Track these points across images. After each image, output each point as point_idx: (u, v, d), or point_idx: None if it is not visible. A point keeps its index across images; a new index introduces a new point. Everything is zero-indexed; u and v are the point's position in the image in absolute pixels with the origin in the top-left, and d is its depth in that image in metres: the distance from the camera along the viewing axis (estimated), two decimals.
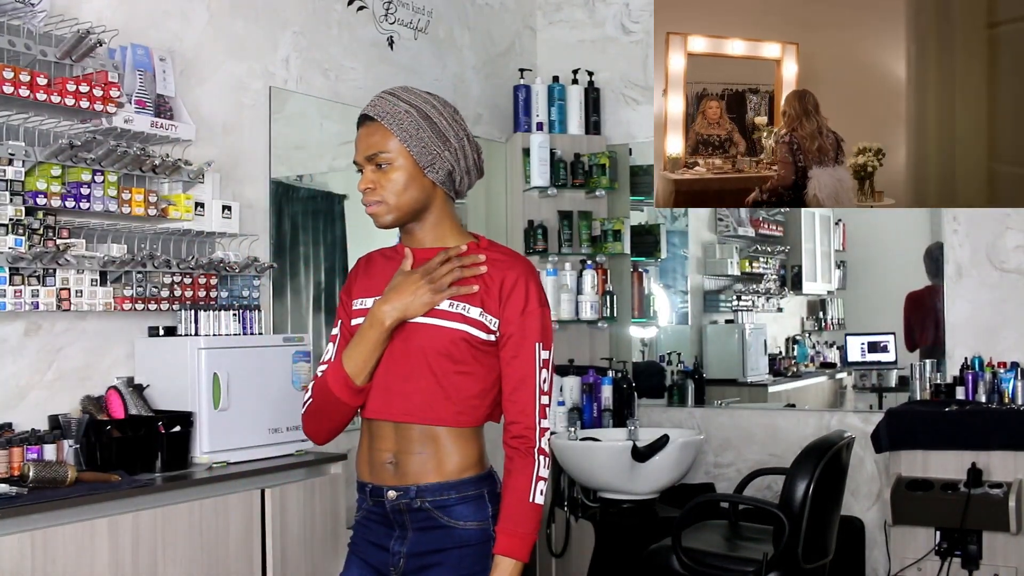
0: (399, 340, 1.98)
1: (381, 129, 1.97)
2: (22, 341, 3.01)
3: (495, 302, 1.97)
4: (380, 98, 1.99)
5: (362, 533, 2.06)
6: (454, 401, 1.96)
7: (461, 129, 2.01)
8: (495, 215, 4.99)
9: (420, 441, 1.97)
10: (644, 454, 4.04)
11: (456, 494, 1.97)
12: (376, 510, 2.02)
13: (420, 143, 1.95)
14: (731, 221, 5.72)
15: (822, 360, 5.94)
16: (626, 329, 5.16)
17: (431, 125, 1.96)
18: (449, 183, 2.01)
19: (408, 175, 1.97)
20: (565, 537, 4.40)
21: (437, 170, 1.98)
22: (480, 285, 1.98)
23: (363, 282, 2.09)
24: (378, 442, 2.01)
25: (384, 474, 2.00)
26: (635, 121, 5.12)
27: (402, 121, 1.95)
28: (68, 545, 2.56)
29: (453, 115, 2.01)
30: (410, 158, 1.96)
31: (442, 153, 1.97)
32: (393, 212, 1.99)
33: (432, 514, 1.97)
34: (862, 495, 4.50)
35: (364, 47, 4.31)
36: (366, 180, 1.99)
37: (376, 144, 1.97)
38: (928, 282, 4.88)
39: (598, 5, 5.23)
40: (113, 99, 3.04)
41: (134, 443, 2.95)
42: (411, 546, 1.98)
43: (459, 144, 2.00)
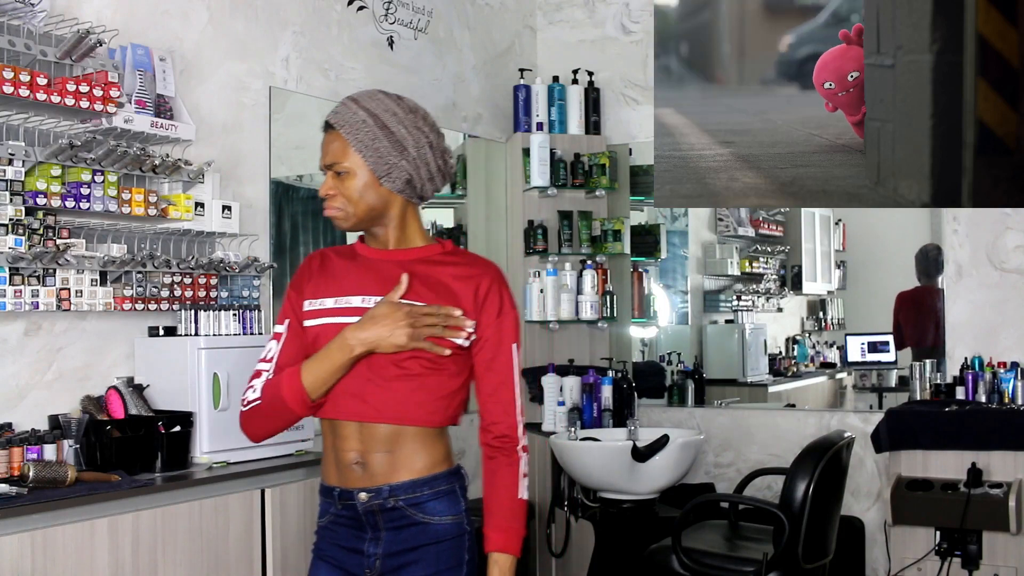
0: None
1: (340, 138, 2.00)
2: (22, 341, 3.01)
3: (470, 307, 1.99)
4: (343, 105, 2.02)
5: (329, 538, 2.05)
6: (426, 402, 1.98)
7: (423, 136, 2.00)
8: (495, 215, 4.99)
9: (387, 440, 1.97)
10: (644, 454, 4.04)
11: (429, 490, 1.98)
12: (345, 513, 2.02)
13: (376, 153, 1.97)
14: (731, 221, 5.73)
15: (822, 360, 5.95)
16: (626, 329, 5.16)
17: (388, 135, 1.97)
18: (409, 190, 2.02)
19: (364, 184, 1.99)
20: (565, 537, 4.40)
21: (394, 179, 1.99)
22: (458, 290, 2.00)
23: (318, 281, 2.07)
24: (343, 442, 2.00)
25: (352, 476, 1.99)
26: (635, 121, 5.12)
27: (358, 131, 1.97)
28: (68, 545, 2.56)
29: (416, 122, 2.01)
30: (366, 167, 1.98)
31: (399, 163, 1.98)
32: (351, 218, 2.02)
33: (406, 512, 1.98)
34: (862, 495, 4.50)
35: (364, 47, 4.31)
36: (326, 186, 2.02)
37: (334, 153, 2.00)
38: (918, 282, 4.91)
39: (598, 5, 5.23)
40: (113, 99, 3.04)
41: (134, 443, 2.95)
42: (386, 546, 1.98)
43: (419, 152, 1.99)
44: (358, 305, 1.99)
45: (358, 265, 2.06)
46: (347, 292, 2.02)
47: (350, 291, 2.02)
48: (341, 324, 1.98)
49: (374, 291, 2.00)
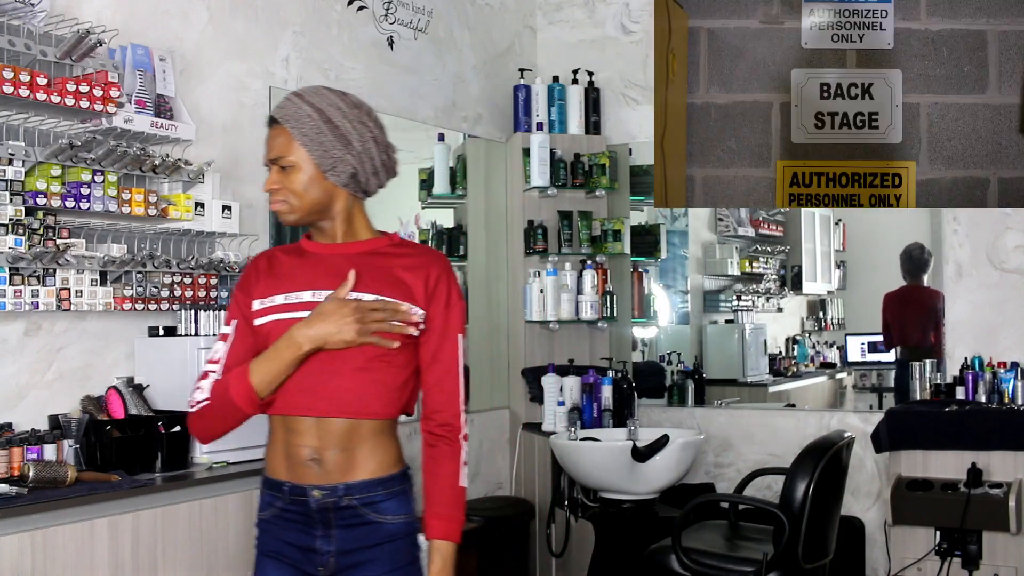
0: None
1: (285, 132, 2.00)
2: (22, 341, 3.01)
3: (420, 297, 2.01)
4: (287, 100, 2.02)
5: (275, 533, 2.04)
6: (380, 394, 1.99)
7: (367, 131, 2.02)
8: (495, 215, 4.99)
9: (343, 436, 1.97)
10: (644, 454, 4.04)
11: (384, 490, 2.00)
12: (293, 508, 2.01)
13: (321, 147, 1.98)
14: (731, 221, 5.73)
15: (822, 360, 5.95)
16: (626, 329, 5.16)
17: (333, 129, 1.98)
18: (354, 184, 2.03)
19: (309, 178, 2.00)
20: (565, 537, 4.40)
21: (339, 173, 2.00)
22: (406, 280, 2.01)
23: (267, 281, 2.07)
24: (296, 438, 1.99)
25: (306, 473, 1.99)
26: (635, 121, 5.12)
27: (303, 125, 1.98)
28: (68, 545, 2.56)
29: (360, 117, 2.01)
30: (311, 162, 1.99)
31: (344, 156, 1.99)
32: (296, 212, 2.02)
33: (359, 511, 1.98)
34: (862, 495, 4.50)
35: (364, 47, 4.31)
36: (270, 181, 2.03)
37: (279, 147, 2.00)
38: (903, 282, 4.93)
39: (598, 5, 5.23)
40: (113, 99, 3.04)
41: (134, 443, 2.95)
42: (339, 544, 1.98)
43: (363, 147, 2.01)
44: (308, 300, 2.00)
45: (306, 261, 2.06)
46: (296, 288, 2.02)
47: (299, 287, 2.02)
48: (292, 320, 1.98)
49: (323, 285, 2.00)
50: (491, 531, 4.26)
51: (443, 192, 4.79)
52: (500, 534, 4.33)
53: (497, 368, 4.95)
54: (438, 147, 4.74)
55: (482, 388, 4.89)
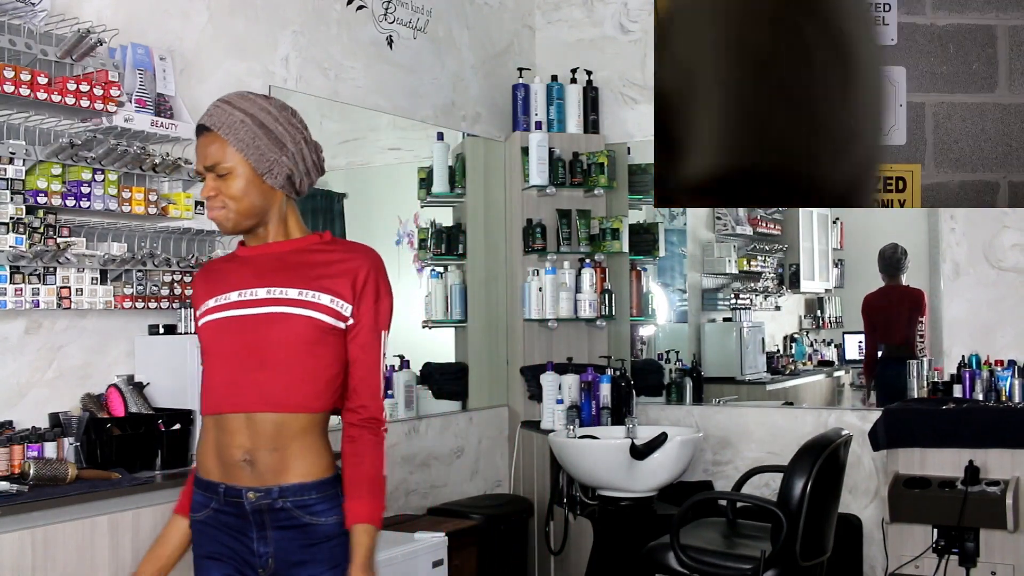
0: (245, 333, 2.02)
1: (218, 139, 2.01)
2: (23, 339, 3.02)
3: (348, 292, 2.03)
4: (216, 107, 2.04)
5: (211, 535, 2.06)
6: (309, 386, 2.01)
7: (298, 132, 2.05)
8: (494, 214, 5.00)
9: (274, 434, 1.99)
10: (642, 452, 4.05)
11: (317, 494, 2.01)
12: (228, 510, 2.03)
13: (257, 151, 2.00)
14: (729, 220, 5.74)
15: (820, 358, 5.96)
16: (625, 327, 5.17)
17: (267, 132, 2.01)
18: (289, 186, 2.06)
19: (247, 182, 2.02)
20: (563, 535, 4.41)
21: (276, 176, 2.03)
22: (332, 275, 2.04)
23: (202, 289, 2.13)
24: (228, 438, 2.01)
25: (240, 474, 2.01)
26: (633, 120, 5.13)
27: (238, 131, 2.00)
28: (68, 543, 2.57)
29: (289, 119, 2.05)
30: (248, 166, 2.01)
31: (279, 159, 2.02)
32: (235, 217, 2.05)
33: (293, 513, 2.00)
34: (860, 493, 4.51)
35: (363, 46, 4.32)
36: (208, 188, 2.04)
37: (214, 154, 2.02)
38: (882, 283, 4.95)
39: (596, 4, 5.24)
40: (113, 98, 3.04)
41: (134, 441, 2.96)
42: (276, 544, 2.00)
43: (296, 148, 2.04)
44: (235, 299, 2.04)
45: (238, 264, 2.11)
46: (225, 290, 2.06)
47: (228, 288, 2.06)
48: (220, 319, 2.04)
49: (251, 284, 2.04)
50: (490, 529, 4.27)
51: (442, 191, 4.79)
52: (499, 532, 4.34)
53: (496, 366, 4.96)
54: (437, 146, 4.75)
55: (481, 386, 4.90)
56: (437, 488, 4.55)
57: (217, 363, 2.05)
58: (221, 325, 2.04)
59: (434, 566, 3.56)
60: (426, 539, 3.57)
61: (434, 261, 4.83)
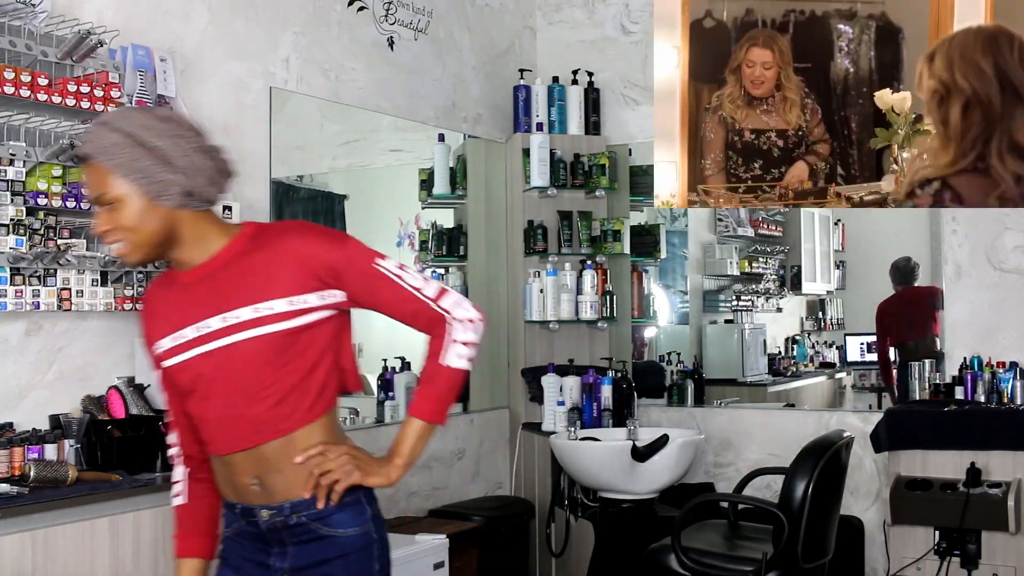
0: (214, 370, 1.87)
1: (99, 168, 1.80)
2: (23, 341, 3.01)
3: (299, 278, 1.86)
4: (90, 132, 1.83)
5: (236, 550, 2.00)
6: (299, 402, 1.88)
7: (187, 143, 1.83)
8: (495, 215, 4.99)
9: (279, 456, 1.88)
10: (644, 454, 4.05)
11: (331, 504, 1.90)
12: (249, 528, 1.96)
13: (141, 174, 1.79)
14: (731, 221, 5.73)
15: (821, 360, 5.95)
16: (626, 329, 5.16)
17: (149, 151, 1.79)
18: (190, 201, 1.85)
19: (139, 209, 1.81)
20: (565, 537, 4.40)
21: (170, 196, 1.82)
22: (275, 274, 1.86)
23: (150, 324, 1.97)
24: (235, 468, 1.92)
25: (251, 495, 1.92)
26: (635, 121, 5.13)
27: (116, 155, 1.78)
28: (69, 545, 2.56)
29: (175, 131, 1.83)
30: (137, 191, 1.80)
31: (169, 177, 1.80)
32: (139, 250, 1.85)
33: (310, 526, 1.90)
34: (861, 495, 4.50)
35: (364, 47, 4.32)
36: (99, 223, 1.84)
37: (98, 185, 1.81)
38: (893, 291, 4.96)
39: (598, 6, 5.24)
40: (114, 99, 3.04)
41: (135, 443, 2.96)
42: (293, 560, 1.92)
43: (187, 162, 1.82)
44: (193, 336, 1.88)
45: (177, 292, 1.93)
46: (178, 327, 1.90)
47: (179, 324, 1.90)
48: (183, 362, 1.90)
49: (200, 316, 1.87)
50: (491, 531, 4.27)
51: (443, 192, 4.79)
52: (500, 534, 4.33)
53: (497, 368, 4.95)
54: (438, 147, 4.75)
55: (482, 388, 4.89)
56: (438, 490, 4.54)
57: (198, 406, 1.92)
58: (188, 367, 1.89)
59: (435, 568, 3.56)
60: (427, 541, 3.57)
61: (435, 263, 4.82)
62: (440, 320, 1.93)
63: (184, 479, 2.07)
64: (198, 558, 2.07)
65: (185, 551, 2.07)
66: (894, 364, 4.96)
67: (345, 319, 1.96)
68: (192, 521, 2.07)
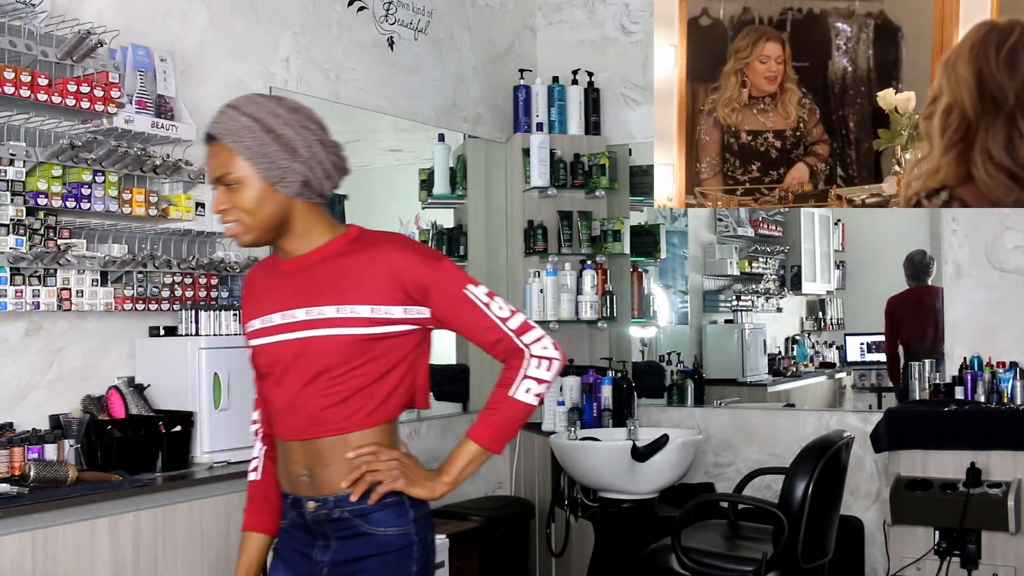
0: (291, 359, 1.95)
1: (225, 148, 1.89)
2: (23, 341, 3.01)
3: (388, 289, 1.91)
4: (222, 113, 1.91)
5: (287, 540, 2.05)
6: (363, 405, 1.94)
7: (312, 135, 1.91)
8: (495, 215, 4.99)
9: (332, 452, 1.94)
10: (644, 454, 4.05)
11: (368, 503, 1.93)
12: (298, 520, 2.01)
13: (267, 159, 1.88)
14: (731, 221, 5.73)
15: (821, 360, 5.95)
16: (626, 329, 5.16)
17: (276, 138, 1.88)
18: (307, 192, 1.93)
19: (259, 192, 1.90)
20: (565, 537, 4.40)
21: (289, 183, 1.90)
22: (365, 280, 1.92)
23: (248, 304, 2.05)
24: (291, 456, 1.99)
25: (300, 486, 1.98)
26: (635, 121, 5.13)
27: (244, 138, 1.87)
28: (69, 545, 2.56)
29: (301, 122, 1.91)
30: (258, 175, 1.89)
31: (291, 166, 1.89)
32: (251, 231, 1.93)
33: (352, 522, 1.94)
34: (861, 495, 4.50)
35: (364, 47, 4.32)
36: (219, 201, 1.92)
37: (222, 165, 1.90)
38: (906, 286, 4.94)
39: (598, 6, 5.24)
40: (114, 99, 3.04)
41: (135, 443, 2.96)
42: (334, 554, 1.96)
43: (310, 152, 1.90)
44: (278, 322, 1.96)
45: (276, 277, 2.01)
46: (267, 311, 1.99)
47: (270, 309, 1.99)
48: (266, 344, 1.98)
49: (290, 304, 1.95)
50: (491, 531, 4.27)
51: (443, 192, 4.79)
52: (500, 534, 4.33)
53: (497, 368, 4.92)
54: (438, 147, 4.75)
55: (482, 388, 4.89)
56: None
57: (270, 389, 2.00)
58: (268, 351, 1.98)
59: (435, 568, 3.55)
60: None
61: None
62: (519, 353, 1.98)
63: (260, 456, 2.15)
64: (262, 533, 2.12)
65: (251, 525, 2.13)
66: (903, 364, 4.93)
67: (426, 337, 2.02)
68: (262, 496, 2.13)
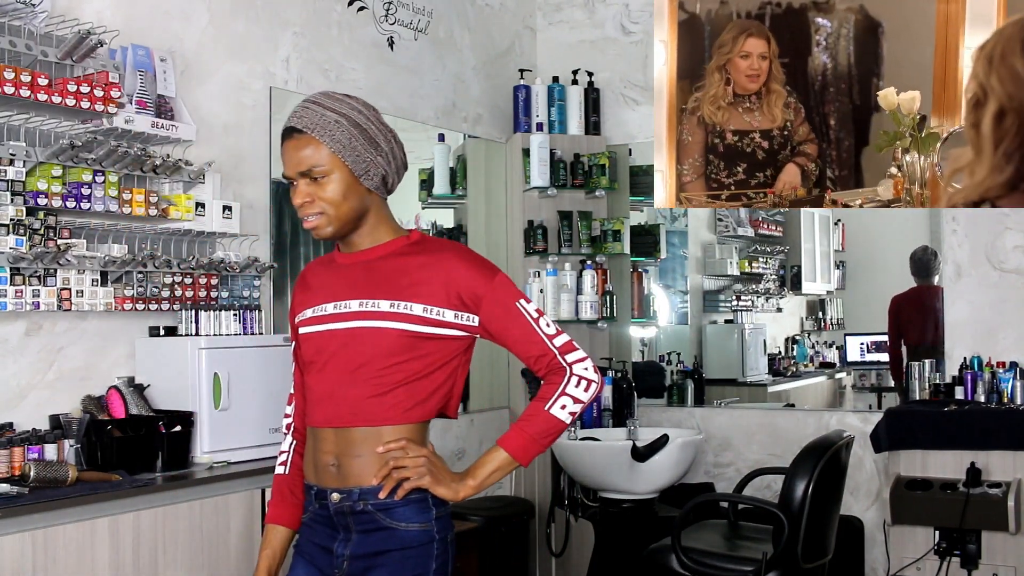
0: (339, 347, 2.00)
1: (313, 141, 1.95)
2: (23, 341, 3.01)
3: (443, 292, 1.98)
4: (306, 108, 1.97)
5: (308, 535, 2.07)
6: (403, 400, 1.98)
7: (388, 131, 2.01)
8: (495, 215, 4.99)
9: (362, 443, 1.98)
10: (644, 454, 4.05)
11: (395, 498, 1.96)
12: (321, 512, 2.03)
13: (354, 152, 1.95)
14: (731, 221, 5.73)
15: (821, 360, 5.95)
16: (626, 329, 5.16)
17: (362, 132, 1.96)
18: (383, 187, 2.02)
19: (345, 185, 1.97)
20: (565, 537, 4.41)
21: (372, 177, 1.98)
22: (422, 281, 1.99)
23: (301, 296, 2.12)
24: (321, 444, 2.02)
25: (327, 476, 2.01)
26: (635, 121, 5.13)
27: (333, 132, 1.94)
28: (69, 545, 2.56)
29: (379, 118, 2.01)
30: (345, 168, 1.96)
31: (375, 159, 1.98)
32: (334, 223, 1.99)
33: (375, 516, 1.97)
34: (861, 495, 4.51)
35: (364, 47, 4.32)
36: (301, 194, 1.98)
37: (309, 157, 1.95)
38: (911, 284, 4.92)
39: (598, 6, 5.24)
40: (114, 99, 3.04)
41: (135, 443, 2.96)
42: (354, 548, 1.98)
43: (389, 147, 2.00)
44: (331, 312, 2.02)
45: (333, 271, 2.08)
46: (322, 300, 2.05)
47: (324, 299, 2.04)
48: (316, 333, 2.03)
49: (345, 295, 2.02)
50: (491, 531, 4.27)
51: (443, 192, 4.79)
52: (500, 534, 4.33)
53: (497, 368, 4.95)
54: (438, 147, 4.75)
55: (482, 388, 4.89)
56: None
57: (313, 377, 2.04)
58: (316, 338, 2.03)
59: None
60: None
61: None
62: (560, 370, 2.02)
63: (289, 451, 2.19)
64: (285, 527, 2.15)
65: (275, 518, 2.16)
66: (905, 364, 4.92)
67: (471, 346, 2.07)
68: (288, 491, 2.16)
